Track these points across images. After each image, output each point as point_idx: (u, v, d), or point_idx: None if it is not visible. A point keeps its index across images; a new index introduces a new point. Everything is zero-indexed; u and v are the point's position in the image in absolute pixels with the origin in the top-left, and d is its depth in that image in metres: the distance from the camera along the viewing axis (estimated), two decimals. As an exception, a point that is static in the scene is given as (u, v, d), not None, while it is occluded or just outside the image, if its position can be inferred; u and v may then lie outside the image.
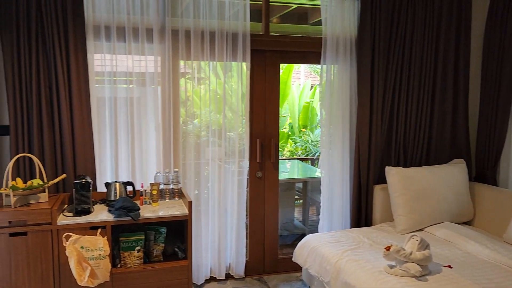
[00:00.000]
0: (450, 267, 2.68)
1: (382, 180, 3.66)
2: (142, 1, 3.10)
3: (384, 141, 3.67)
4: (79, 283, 2.53)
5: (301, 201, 5.23)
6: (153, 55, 3.19)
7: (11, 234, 2.54)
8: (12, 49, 2.81)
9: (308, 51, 3.61)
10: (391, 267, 2.61)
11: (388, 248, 2.58)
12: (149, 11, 3.13)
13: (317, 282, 3.19)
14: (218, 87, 3.44)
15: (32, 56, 2.84)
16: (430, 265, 2.62)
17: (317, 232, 3.61)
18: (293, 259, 3.35)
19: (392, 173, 3.40)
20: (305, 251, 3.20)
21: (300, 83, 8.17)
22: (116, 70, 3.11)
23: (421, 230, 3.35)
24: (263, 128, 3.59)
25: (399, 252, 2.54)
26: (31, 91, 2.87)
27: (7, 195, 2.61)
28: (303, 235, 4.27)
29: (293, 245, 4.21)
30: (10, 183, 2.63)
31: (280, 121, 3.69)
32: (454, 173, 3.53)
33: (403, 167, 3.53)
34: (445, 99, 3.74)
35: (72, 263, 2.53)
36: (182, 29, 3.21)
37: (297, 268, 3.60)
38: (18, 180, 2.69)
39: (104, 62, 3.09)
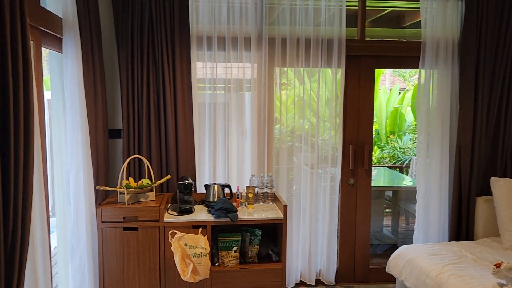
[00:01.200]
0: None
1: (485, 191, 3.43)
2: (242, 11, 3.24)
3: (489, 150, 3.43)
4: (183, 278, 2.70)
5: (389, 210, 5.06)
6: (250, 63, 3.31)
7: (125, 229, 2.79)
8: (127, 60, 3.08)
9: (405, 56, 3.50)
10: (501, 285, 2.43)
11: (498, 265, 2.41)
12: (247, 20, 3.25)
13: (413, 295, 3.06)
14: (311, 92, 3.47)
15: (143, 66, 3.10)
16: (547, 286, 2.40)
17: (410, 243, 3.48)
18: (386, 270, 3.26)
19: (499, 184, 3.16)
20: (401, 262, 3.09)
21: (387, 88, 7.91)
22: (216, 77, 3.28)
23: (532, 247, 3.08)
24: (356, 134, 3.54)
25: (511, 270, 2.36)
26: (142, 98, 3.12)
27: (121, 193, 2.87)
28: (393, 246, 4.14)
29: (384, 255, 4.10)
30: (124, 182, 2.88)
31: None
32: None
33: (511, 178, 3.27)
34: (561, 105, 3.40)
35: (177, 259, 2.70)
36: (279, 36, 3.29)
37: (389, 279, 3.50)
38: (131, 179, 2.94)
39: (205, 70, 3.27)
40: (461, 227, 3.43)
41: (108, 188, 2.81)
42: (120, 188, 2.86)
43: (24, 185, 1.66)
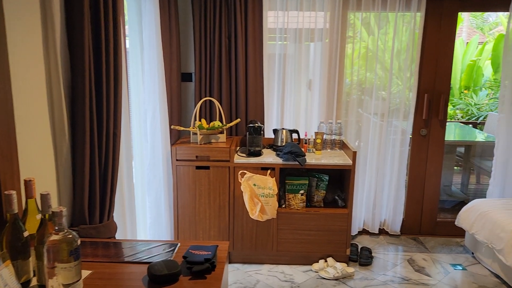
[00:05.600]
0: None
1: None
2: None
3: None
4: (251, 216, 2.82)
5: (459, 167, 4.85)
6: (323, 11, 3.20)
7: (197, 167, 2.93)
8: (200, 4, 3.10)
9: (493, -3, 3.20)
10: None
11: None
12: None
13: (484, 249, 2.98)
14: (378, 43, 3.32)
15: (216, 11, 3.10)
16: None
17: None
18: (456, 223, 3.18)
19: None
20: (472, 215, 3.00)
21: (464, 40, 7.35)
22: (287, 27, 3.22)
23: None
24: (432, 83, 3.36)
25: None
26: (214, 43, 3.16)
27: (194, 133, 2.99)
28: (462, 202, 3.99)
29: (452, 210, 3.99)
30: (197, 123, 2.99)
31: (449, 77, 3.41)
32: None
33: None
34: None
35: (246, 198, 2.81)
36: (354, -23, 3.14)
37: (458, 233, 3.42)
38: (203, 120, 3.04)
39: (277, 19, 3.22)
40: (543, 184, 3.24)
41: (182, 128, 2.94)
42: (193, 128, 2.98)
43: (114, 113, 1.78)
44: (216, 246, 1.49)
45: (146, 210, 3.02)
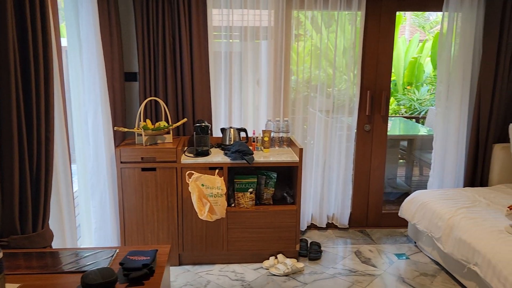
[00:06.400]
0: None
1: (502, 139, 3.39)
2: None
3: (509, 96, 3.35)
4: (200, 217, 2.78)
5: (403, 160, 5.07)
6: (267, 9, 3.22)
7: (143, 169, 2.86)
8: (142, 3, 3.02)
9: (429, -3, 3.36)
10: (514, 227, 2.46)
11: (511, 207, 2.42)
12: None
13: (425, 238, 3.13)
14: (327, 42, 3.39)
15: (159, 8, 3.03)
16: (561, 229, 2.42)
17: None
18: (399, 214, 3.31)
19: (518, 131, 3.12)
20: (414, 206, 3.14)
21: (406, 38, 7.67)
22: (232, 25, 3.21)
23: (547, 194, 3.08)
24: (374, 80, 3.48)
25: (526, 212, 2.37)
26: (157, 41, 3.09)
27: (139, 135, 2.92)
28: (406, 194, 4.17)
29: (396, 202, 4.15)
30: (142, 124, 2.92)
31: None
32: None
33: (530, 125, 3.22)
34: None
35: (194, 198, 2.78)
36: (298, -24, 3.18)
37: (401, 224, 3.56)
38: (148, 121, 2.97)
39: (222, 17, 3.20)
40: (476, 174, 3.44)
41: (126, 129, 2.86)
42: (138, 129, 2.91)
43: (46, 115, 1.69)
44: (155, 250, 1.45)
45: (91, 215, 2.91)
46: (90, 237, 2.96)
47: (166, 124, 2.99)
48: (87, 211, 3.00)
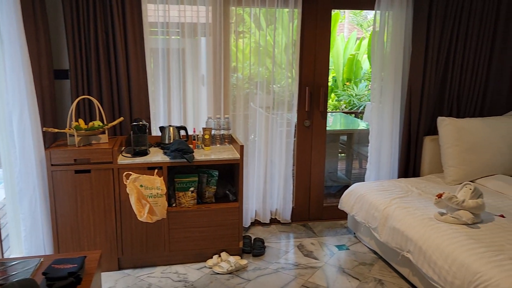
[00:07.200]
0: (503, 217, 2.65)
1: (433, 131, 3.59)
2: None
3: (437, 92, 3.56)
4: (139, 219, 2.69)
5: (343, 154, 5.23)
6: (205, 5, 3.18)
7: (76, 171, 2.72)
8: (70, -6, 2.87)
9: (362, -4, 3.48)
10: (442, 214, 2.61)
11: (440, 196, 2.57)
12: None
13: (363, 229, 3.25)
14: (268, 39, 3.41)
15: (89, 2, 2.89)
16: (482, 214, 2.61)
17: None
18: (339, 207, 3.41)
19: (445, 123, 3.32)
20: (352, 198, 3.24)
21: (345, 36, 7.92)
22: (169, 21, 3.14)
23: (471, 182, 3.30)
24: (312, 77, 3.55)
25: (452, 199, 2.53)
26: (89, 37, 2.94)
27: (71, 135, 2.77)
28: (346, 186, 4.30)
29: (337, 195, 4.27)
30: (74, 123, 2.77)
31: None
32: (511, 125, 3.40)
33: (456, 117, 3.43)
34: (506, 48, 3.55)
35: (133, 200, 2.68)
36: (234, -28, 3.16)
37: (342, 216, 3.67)
38: (81, 121, 2.83)
39: (158, 12, 3.11)
40: (409, 165, 3.62)
41: (56, 130, 2.70)
42: (70, 130, 2.76)
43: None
44: (83, 257, 1.38)
45: (20, 223, 2.73)
46: (20, 246, 2.77)
47: (101, 124, 2.87)
48: (16, 219, 2.81)
